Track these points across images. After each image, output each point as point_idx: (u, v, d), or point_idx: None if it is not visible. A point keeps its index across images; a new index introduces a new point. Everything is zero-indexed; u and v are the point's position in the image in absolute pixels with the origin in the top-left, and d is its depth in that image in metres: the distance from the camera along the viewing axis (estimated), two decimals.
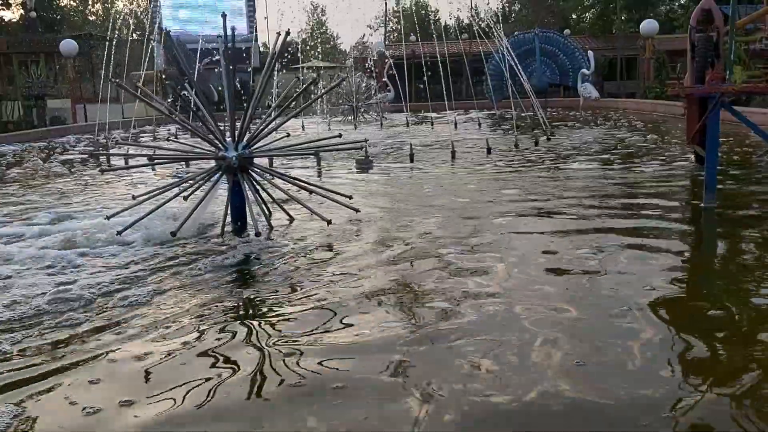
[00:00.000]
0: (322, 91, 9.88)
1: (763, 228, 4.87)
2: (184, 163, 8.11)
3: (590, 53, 25.14)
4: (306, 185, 5.45)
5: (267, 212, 5.20)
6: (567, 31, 33.20)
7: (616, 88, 32.80)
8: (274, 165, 8.15)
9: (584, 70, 24.14)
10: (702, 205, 5.40)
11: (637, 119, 18.08)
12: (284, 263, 4.15)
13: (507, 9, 49.14)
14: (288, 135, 6.48)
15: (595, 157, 9.38)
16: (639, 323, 2.90)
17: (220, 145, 5.07)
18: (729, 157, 8.56)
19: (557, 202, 5.90)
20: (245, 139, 5.10)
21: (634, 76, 34.31)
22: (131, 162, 7.77)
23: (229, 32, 4.98)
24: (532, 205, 5.83)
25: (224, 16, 5.08)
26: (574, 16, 46.06)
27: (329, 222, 4.96)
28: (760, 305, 3.11)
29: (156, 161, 6.04)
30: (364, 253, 4.31)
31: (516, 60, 15.25)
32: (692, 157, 7.97)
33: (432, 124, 17.89)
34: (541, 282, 3.55)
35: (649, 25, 29.17)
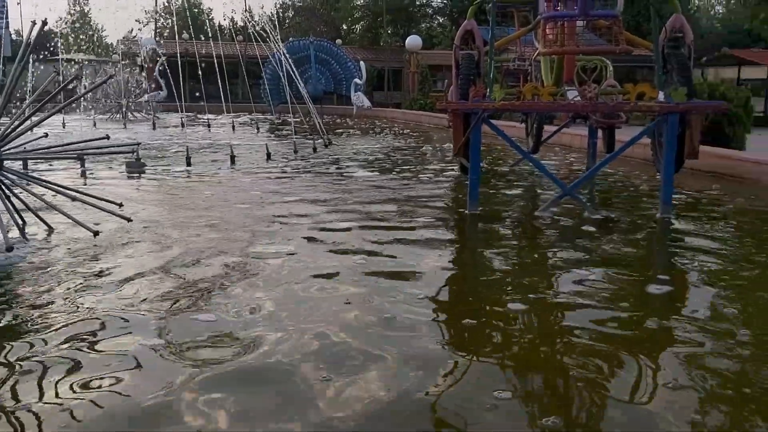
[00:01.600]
0: (87, 87, 9.09)
1: (520, 230, 5.41)
2: None
3: (362, 63, 26.17)
4: (68, 191, 4.93)
5: (20, 222, 4.62)
6: (339, 41, 34.27)
7: (384, 98, 34.63)
8: (30, 168, 7.30)
9: (357, 80, 25.06)
10: (467, 211, 5.83)
11: (405, 129, 19.18)
12: (38, 283, 3.67)
13: (281, 15, 49.44)
14: (46, 135, 5.84)
15: (370, 165, 9.74)
16: (403, 325, 3.04)
17: None
18: (491, 167, 9.39)
19: (334, 209, 6.02)
20: None
21: (400, 87, 36.50)
22: None
23: None
24: (309, 211, 5.88)
25: None
26: (345, 27, 47.74)
27: (96, 233, 4.53)
28: (516, 308, 3.43)
29: None
30: (134, 269, 3.96)
31: (292, 66, 15.37)
32: (457, 167, 8.62)
33: (209, 126, 17.38)
34: (311, 293, 3.57)
35: (413, 41, 31.21)
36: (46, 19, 4.51)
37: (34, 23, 4.59)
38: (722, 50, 29.67)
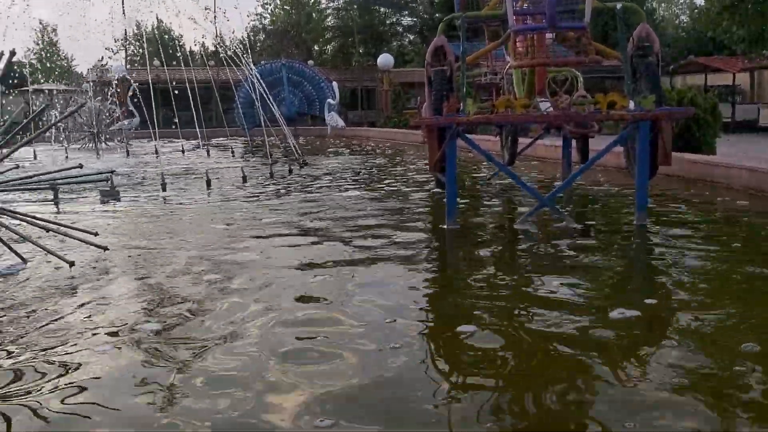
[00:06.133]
0: (58, 116, 8.99)
1: (498, 244, 5.42)
2: None
3: (334, 84, 26.27)
4: (41, 222, 4.86)
5: None
6: (310, 62, 34.41)
7: (359, 117, 34.78)
8: (1, 200, 7.18)
9: (330, 100, 25.15)
10: (446, 227, 5.83)
11: (380, 146, 19.24)
12: (11, 318, 3.58)
13: (252, 38, 49.51)
14: (18, 166, 5.75)
15: (346, 184, 9.73)
16: (394, 339, 3.03)
17: None
18: (465, 182, 9.43)
19: (311, 228, 6.00)
20: None
21: (373, 105, 36.69)
22: None
23: None
24: (287, 232, 5.85)
25: None
26: (316, 48, 47.93)
27: (72, 264, 4.45)
28: (500, 308, 3.43)
29: None
30: (113, 297, 3.91)
31: (265, 89, 15.37)
32: (434, 182, 8.64)
33: (183, 151, 17.28)
34: (299, 311, 3.53)
35: (384, 59, 31.45)
36: (14, 49, 4.47)
37: (1, 54, 4.54)
38: (688, 58, 30.30)
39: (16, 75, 21.55)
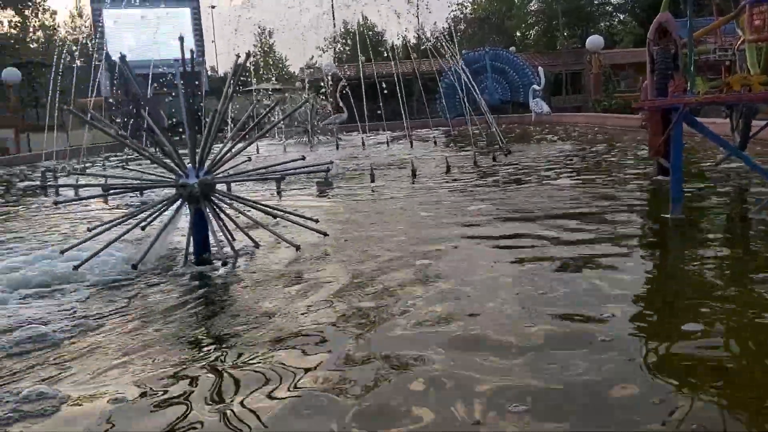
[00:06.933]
0: (282, 114, 9.73)
1: (731, 235, 4.90)
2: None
3: (540, 69, 25.64)
4: (270, 210, 5.27)
5: (231, 239, 4.99)
6: (512, 49, 33.86)
7: (563, 102, 33.57)
8: (233, 190, 7.92)
9: (535, 86, 24.60)
10: (669, 216, 5.39)
11: (590, 132, 18.41)
12: (253, 293, 3.94)
13: (453, 28, 49.92)
14: (249, 159, 6.29)
15: (554, 172, 9.41)
16: (607, 334, 2.85)
17: (180, 171, 4.85)
18: (688, 168, 8.67)
19: (521, 217, 5.86)
20: (206, 164, 4.90)
21: (579, 89, 35.16)
22: (82, 193, 7.38)
23: (187, 55, 4.79)
24: (495, 222, 5.77)
25: (182, 39, 4.90)
26: (518, 34, 47.07)
27: (298, 248, 4.78)
28: (733, 312, 3.08)
29: (111, 191, 5.75)
30: (335, 278, 4.12)
31: (470, 78, 15.39)
32: (650, 170, 8.06)
33: (388, 143, 17.87)
34: (508, 305, 3.43)
35: (594, 41, 30.07)
36: (249, 51, 4.87)
37: (238, 56, 4.97)
38: None
39: (245, 76, 23.72)
